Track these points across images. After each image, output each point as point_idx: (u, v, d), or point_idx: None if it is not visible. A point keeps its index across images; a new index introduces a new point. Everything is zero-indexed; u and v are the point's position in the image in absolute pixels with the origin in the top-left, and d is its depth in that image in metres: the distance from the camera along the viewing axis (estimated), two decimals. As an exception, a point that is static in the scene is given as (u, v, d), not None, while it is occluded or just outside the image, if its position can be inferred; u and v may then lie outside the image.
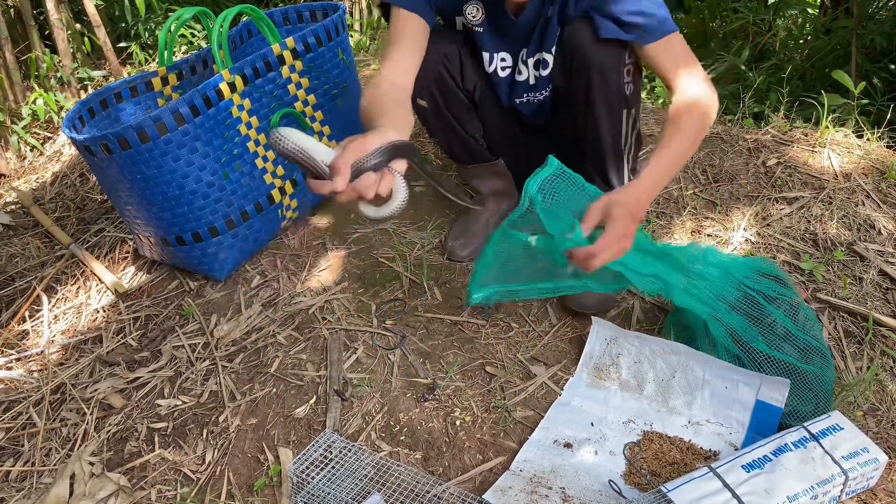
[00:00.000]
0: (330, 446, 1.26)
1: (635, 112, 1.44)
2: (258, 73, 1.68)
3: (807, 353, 1.26)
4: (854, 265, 1.56)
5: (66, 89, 3.02)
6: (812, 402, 1.24)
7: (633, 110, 1.43)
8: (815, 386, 1.24)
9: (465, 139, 1.60)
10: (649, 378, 1.34)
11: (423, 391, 1.39)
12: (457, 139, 1.61)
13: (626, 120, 1.43)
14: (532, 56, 1.47)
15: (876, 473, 1.11)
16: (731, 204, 1.77)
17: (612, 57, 1.34)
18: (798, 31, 3.47)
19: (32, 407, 1.52)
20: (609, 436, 1.26)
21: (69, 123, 1.63)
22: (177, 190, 1.59)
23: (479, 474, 1.24)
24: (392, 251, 1.76)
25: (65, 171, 2.51)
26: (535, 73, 1.50)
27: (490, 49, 1.50)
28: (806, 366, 1.24)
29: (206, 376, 1.50)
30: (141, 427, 1.42)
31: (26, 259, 2.03)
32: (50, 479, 1.35)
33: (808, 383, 1.24)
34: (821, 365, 1.25)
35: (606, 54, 1.34)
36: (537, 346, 1.46)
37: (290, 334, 1.56)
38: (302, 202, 1.88)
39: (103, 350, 1.62)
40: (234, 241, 1.71)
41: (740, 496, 1.03)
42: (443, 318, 1.55)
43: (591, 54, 1.34)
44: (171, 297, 1.74)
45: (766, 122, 2.11)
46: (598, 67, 1.35)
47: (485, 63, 1.52)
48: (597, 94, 1.38)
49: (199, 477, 1.31)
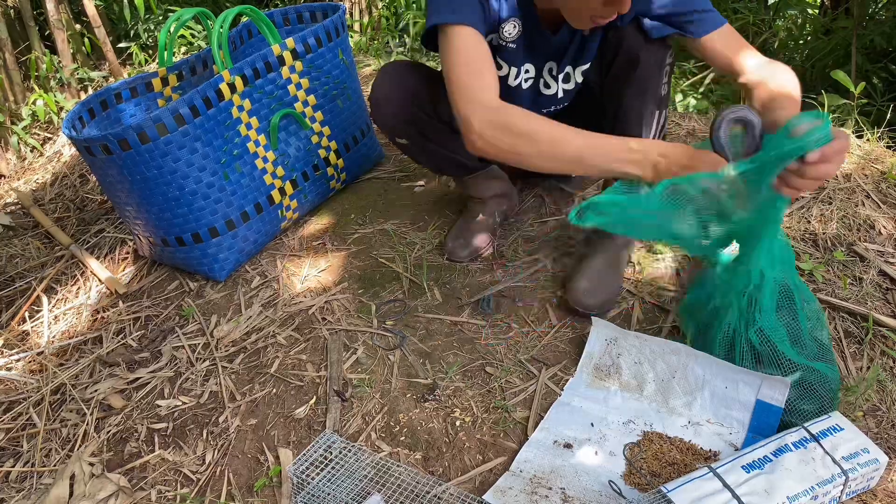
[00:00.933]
0: (330, 447, 1.26)
1: (666, 114, 1.45)
2: (258, 74, 1.68)
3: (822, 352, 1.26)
4: (854, 265, 1.56)
5: (65, 90, 3.03)
6: (818, 403, 1.24)
7: (665, 112, 1.44)
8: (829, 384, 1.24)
9: (451, 158, 1.59)
10: (649, 378, 1.34)
11: (423, 391, 1.39)
12: (444, 159, 1.60)
13: (658, 121, 1.44)
14: (563, 70, 1.47)
15: (876, 474, 1.11)
16: (731, 204, 1.77)
17: (656, 57, 1.36)
18: (798, 32, 3.47)
19: (32, 407, 1.52)
20: (609, 436, 1.26)
21: (69, 124, 1.63)
22: (177, 190, 1.59)
23: (479, 475, 1.24)
24: (392, 251, 1.76)
25: (65, 171, 2.51)
26: (565, 87, 1.50)
27: (517, 63, 1.47)
28: (823, 365, 1.24)
29: (206, 377, 1.50)
30: (141, 427, 1.42)
31: (26, 260, 2.03)
32: (50, 479, 1.35)
33: (826, 382, 1.24)
34: (831, 363, 1.26)
35: (652, 54, 1.35)
36: (537, 346, 1.46)
37: (290, 335, 1.56)
38: (302, 202, 1.88)
39: (103, 350, 1.62)
40: (234, 241, 1.71)
41: (740, 496, 1.03)
42: (443, 319, 1.55)
43: (638, 55, 1.35)
44: (171, 298, 1.74)
45: (766, 123, 2.11)
46: (642, 67, 1.36)
47: (509, 77, 1.48)
48: (635, 94, 1.39)
49: (199, 477, 1.31)
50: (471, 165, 1.63)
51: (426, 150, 1.58)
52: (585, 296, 1.48)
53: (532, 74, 1.49)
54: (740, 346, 1.28)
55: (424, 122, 1.51)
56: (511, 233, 1.76)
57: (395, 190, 2.02)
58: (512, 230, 1.77)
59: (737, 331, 1.28)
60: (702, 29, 1.32)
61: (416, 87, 1.49)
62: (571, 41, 1.42)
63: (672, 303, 1.51)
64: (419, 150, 1.58)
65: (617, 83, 1.40)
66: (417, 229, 1.83)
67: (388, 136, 1.57)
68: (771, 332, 1.23)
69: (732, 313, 1.26)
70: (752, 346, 1.26)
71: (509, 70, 1.47)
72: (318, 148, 1.87)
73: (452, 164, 1.62)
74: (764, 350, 1.25)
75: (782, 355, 1.23)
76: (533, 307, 1.55)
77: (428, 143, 1.55)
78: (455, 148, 1.57)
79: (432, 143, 1.55)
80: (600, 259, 1.54)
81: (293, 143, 1.82)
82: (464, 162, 1.61)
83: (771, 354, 1.24)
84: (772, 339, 1.23)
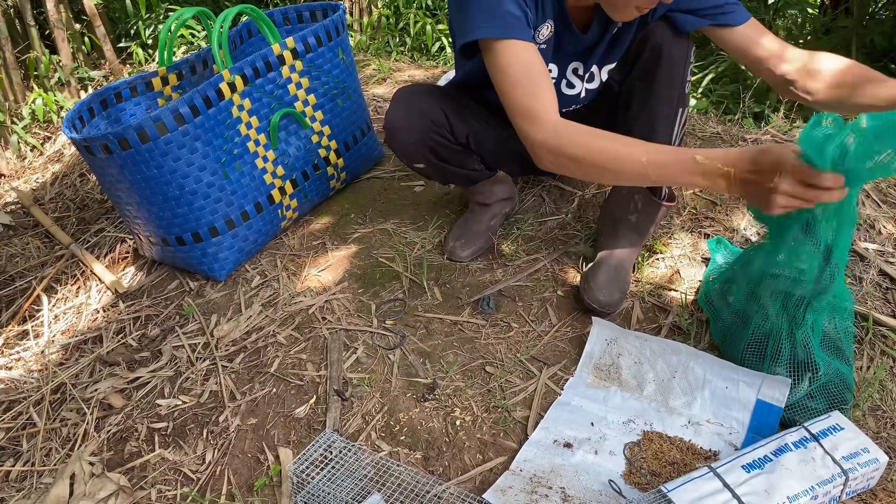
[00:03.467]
0: (330, 446, 1.26)
1: (686, 113, 1.45)
2: (258, 73, 1.68)
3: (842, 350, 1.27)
4: (854, 265, 1.56)
5: (65, 89, 3.02)
6: (829, 402, 1.24)
7: (686, 109, 1.44)
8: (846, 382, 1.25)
9: (465, 174, 1.61)
10: (649, 378, 1.34)
11: (423, 391, 1.39)
12: (455, 175, 1.61)
13: (680, 118, 1.43)
14: (589, 69, 1.47)
15: (876, 474, 1.11)
16: (731, 204, 1.77)
17: (683, 53, 1.36)
18: (798, 31, 3.47)
19: (32, 407, 1.52)
20: (609, 435, 1.26)
21: (69, 123, 1.63)
22: (177, 190, 1.59)
23: (479, 474, 1.24)
24: (392, 251, 1.76)
25: (65, 171, 2.51)
26: (588, 87, 1.50)
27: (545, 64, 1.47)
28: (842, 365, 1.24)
29: (206, 376, 1.50)
30: (141, 427, 1.42)
31: (26, 259, 2.03)
32: (50, 479, 1.35)
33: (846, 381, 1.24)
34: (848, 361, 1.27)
35: (678, 49, 1.35)
36: (537, 346, 1.46)
37: (290, 334, 1.56)
38: (302, 202, 1.88)
39: (103, 350, 1.62)
40: (234, 241, 1.71)
41: (740, 496, 1.03)
42: (443, 318, 1.55)
43: (666, 50, 1.35)
44: (171, 297, 1.74)
45: (767, 122, 2.11)
46: (670, 62, 1.36)
47: None
48: (662, 90, 1.38)
49: (199, 477, 1.31)
50: (480, 177, 1.64)
51: (442, 172, 1.58)
52: (604, 293, 1.48)
53: (555, 74, 1.47)
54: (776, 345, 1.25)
55: (442, 146, 1.51)
56: (511, 232, 1.76)
57: (395, 189, 2.02)
58: (512, 230, 1.77)
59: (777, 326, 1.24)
60: (739, 18, 1.33)
61: (433, 113, 1.47)
62: (601, 41, 1.41)
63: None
64: (437, 172, 1.59)
65: (643, 79, 1.39)
66: (417, 229, 1.83)
67: (405, 162, 1.57)
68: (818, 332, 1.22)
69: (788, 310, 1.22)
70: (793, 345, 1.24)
71: None
72: (318, 147, 1.87)
73: (463, 178, 1.63)
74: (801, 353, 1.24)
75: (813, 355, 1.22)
76: (533, 307, 1.55)
77: (444, 166, 1.56)
78: (469, 165, 1.58)
79: (448, 165, 1.56)
80: (621, 257, 1.54)
81: (293, 143, 1.82)
82: (474, 176, 1.62)
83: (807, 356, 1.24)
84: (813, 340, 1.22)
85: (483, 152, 1.57)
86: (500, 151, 1.59)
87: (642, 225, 1.55)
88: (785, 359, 1.25)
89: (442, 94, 1.52)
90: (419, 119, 1.46)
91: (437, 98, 1.50)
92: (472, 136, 1.52)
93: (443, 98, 1.50)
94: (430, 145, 1.49)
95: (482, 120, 1.54)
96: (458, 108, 1.50)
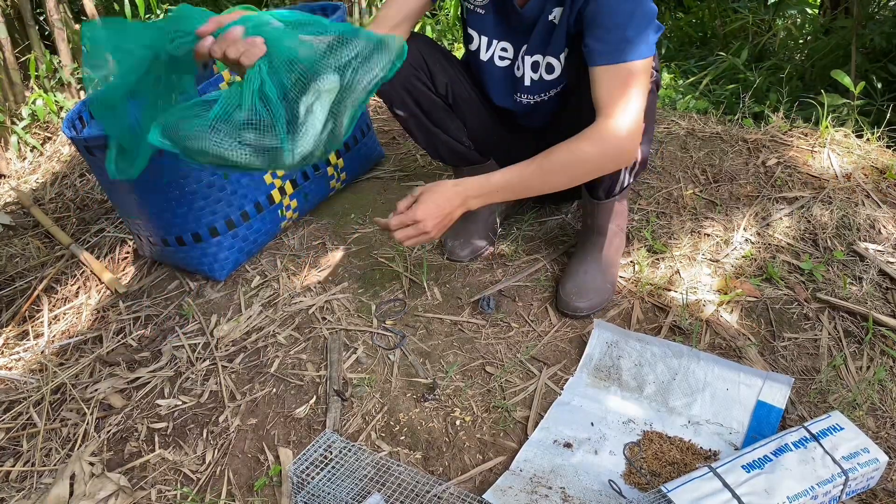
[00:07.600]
0: (330, 446, 1.26)
1: (645, 126, 1.35)
2: (258, 74, 1.68)
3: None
4: (854, 265, 1.56)
5: (65, 90, 3.02)
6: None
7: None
8: None
9: (449, 143, 1.59)
10: (650, 380, 1.34)
11: (423, 391, 1.39)
12: (442, 144, 1.60)
13: None
14: (531, 55, 1.42)
15: (876, 474, 1.11)
16: (731, 204, 1.77)
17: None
18: (798, 32, 3.47)
19: (32, 407, 1.52)
20: (609, 436, 1.26)
21: (69, 123, 1.63)
22: (176, 190, 1.59)
23: (479, 474, 1.24)
24: (392, 251, 1.76)
25: (65, 171, 2.51)
26: (532, 76, 1.45)
27: (490, 35, 1.45)
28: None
29: (206, 376, 1.50)
30: (141, 427, 1.42)
31: (26, 259, 2.03)
32: (50, 479, 1.35)
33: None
34: None
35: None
36: (537, 346, 1.46)
37: (290, 334, 1.56)
38: (302, 202, 1.88)
39: (103, 350, 1.62)
40: (234, 241, 1.71)
41: (740, 496, 1.03)
42: (443, 318, 1.55)
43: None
44: (171, 297, 1.74)
45: (766, 122, 2.11)
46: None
47: (480, 50, 1.47)
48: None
49: (199, 477, 1.31)
50: (468, 156, 1.63)
51: (423, 127, 1.57)
52: (573, 298, 1.48)
53: (510, 55, 1.46)
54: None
55: (421, 93, 1.50)
56: (511, 232, 1.76)
57: (395, 189, 2.02)
58: (512, 230, 1.77)
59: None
60: (596, 60, 1.23)
61: (413, 58, 1.46)
62: (538, 21, 1.37)
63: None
64: (416, 126, 1.57)
65: (589, 97, 1.31)
66: (417, 229, 1.83)
67: (387, 105, 1.56)
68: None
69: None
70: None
71: (480, 41, 1.46)
72: (318, 147, 1.87)
73: (449, 150, 1.62)
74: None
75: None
76: (533, 306, 1.55)
77: (424, 120, 1.55)
78: (452, 131, 1.57)
79: (429, 120, 1.55)
80: (586, 260, 1.54)
81: (293, 143, 1.81)
82: (461, 150, 1.61)
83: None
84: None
85: (465, 117, 1.57)
86: (481, 125, 1.60)
87: (596, 224, 1.56)
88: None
89: (424, 41, 1.52)
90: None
91: (423, 43, 1.50)
92: (450, 87, 1.52)
93: (428, 46, 1.51)
94: (407, 87, 1.49)
95: (462, 77, 1.54)
96: (438, 63, 1.51)
